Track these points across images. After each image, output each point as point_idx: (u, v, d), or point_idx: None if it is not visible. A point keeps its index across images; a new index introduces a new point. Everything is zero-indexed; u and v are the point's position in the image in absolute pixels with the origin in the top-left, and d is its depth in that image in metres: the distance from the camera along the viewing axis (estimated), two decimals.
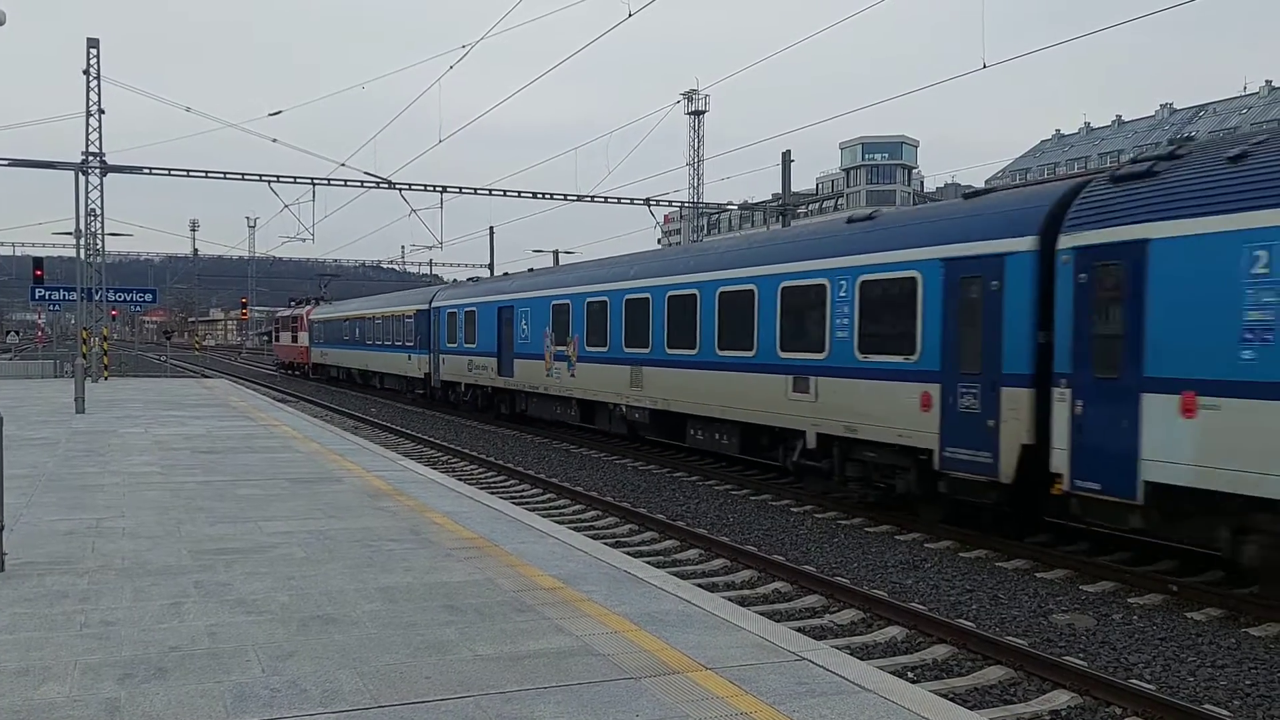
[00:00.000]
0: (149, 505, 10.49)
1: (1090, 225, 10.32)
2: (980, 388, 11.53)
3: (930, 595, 9.91)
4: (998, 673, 7.67)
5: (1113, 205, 10.19)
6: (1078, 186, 11.09)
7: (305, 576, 7.49)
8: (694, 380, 17.44)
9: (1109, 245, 10.05)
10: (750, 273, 16.02)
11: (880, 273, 13.22)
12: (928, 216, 13.32)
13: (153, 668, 5.40)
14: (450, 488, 12.17)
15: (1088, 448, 10.19)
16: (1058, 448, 10.51)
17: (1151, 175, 10.03)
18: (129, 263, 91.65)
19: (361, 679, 5.25)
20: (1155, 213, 9.66)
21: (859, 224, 14.30)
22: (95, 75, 34.88)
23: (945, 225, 12.50)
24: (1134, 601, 9.68)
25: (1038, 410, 10.88)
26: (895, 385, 12.79)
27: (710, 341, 16.96)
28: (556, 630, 6.19)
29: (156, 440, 16.90)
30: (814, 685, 5.28)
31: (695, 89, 70.33)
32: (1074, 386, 10.34)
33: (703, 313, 17.23)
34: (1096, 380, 10.12)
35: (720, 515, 14.14)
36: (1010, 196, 12.35)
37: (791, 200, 39.93)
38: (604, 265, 22.17)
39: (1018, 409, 11.03)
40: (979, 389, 11.55)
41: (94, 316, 37.44)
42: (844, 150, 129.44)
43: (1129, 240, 9.84)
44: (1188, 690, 7.36)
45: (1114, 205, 10.17)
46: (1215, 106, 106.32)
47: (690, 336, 17.58)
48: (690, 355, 17.56)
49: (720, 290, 16.75)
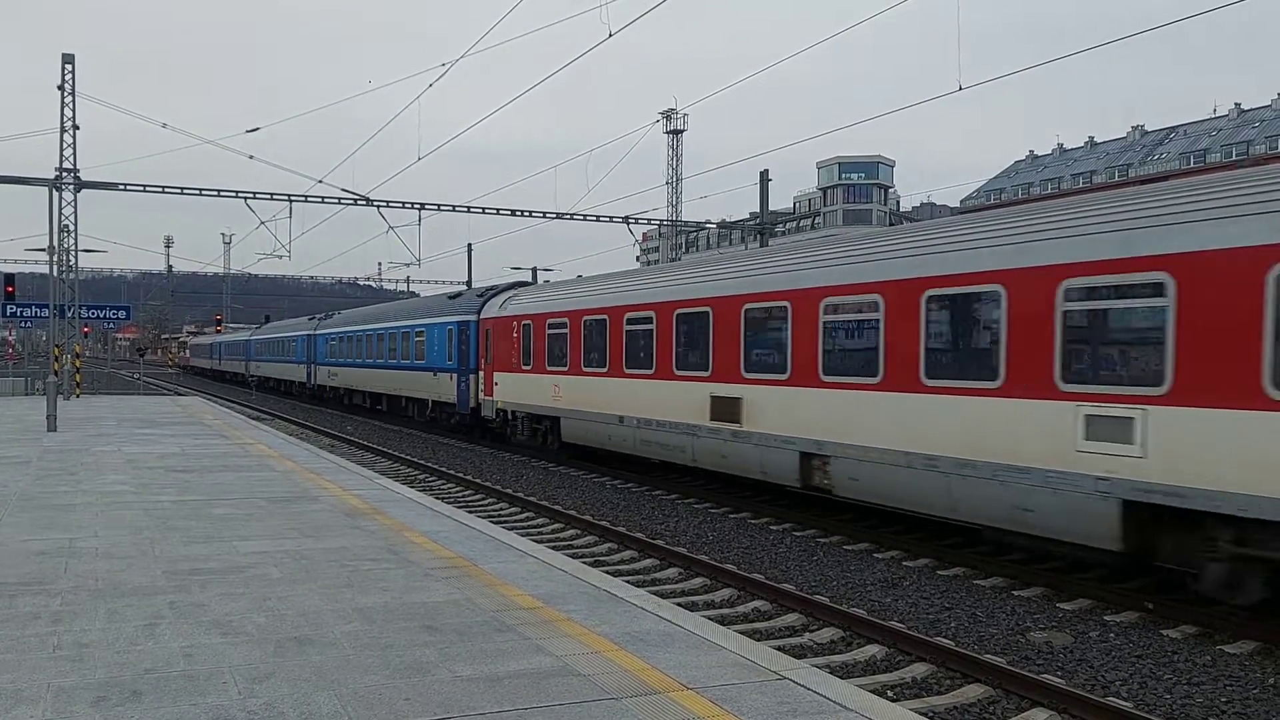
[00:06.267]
0: (123, 525, 10.37)
1: (484, 314, 26.62)
2: (460, 374, 27.99)
3: (909, 613, 9.93)
4: (977, 691, 7.69)
5: (480, 306, 27.04)
6: (487, 296, 27.72)
7: (282, 597, 7.42)
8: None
9: (489, 319, 25.89)
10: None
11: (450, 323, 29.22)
12: (442, 304, 31.50)
13: (127, 690, 5.33)
14: (428, 506, 12.10)
15: (475, 392, 27.13)
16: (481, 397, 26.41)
17: (492, 296, 27.08)
18: (102, 279, 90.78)
19: (339, 701, 5.21)
20: (483, 310, 27.08)
21: (455, 299, 30.99)
22: (70, 91, 34.67)
23: (459, 304, 29.40)
24: (1110, 619, 9.74)
25: (482, 381, 26.62)
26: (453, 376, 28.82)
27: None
28: (537, 650, 6.15)
29: (130, 459, 16.72)
30: (795, 705, 5.27)
31: (674, 108, 70.74)
32: (479, 373, 26.70)
33: None
34: (488, 369, 25.81)
35: (699, 533, 14.13)
36: (468, 298, 29.31)
37: (769, 219, 40.11)
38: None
39: (484, 383, 26.28)
40: (466, 375, 27.75)
41: (66, 333, 37.07)
42: (821, 170, 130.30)
43: (480, 318, 26.97)
44: (1164, 707, 7.40)
45: (480, 306, 27.08)
46: (1186, 128, 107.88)
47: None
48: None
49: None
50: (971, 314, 11.40)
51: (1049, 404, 10.31)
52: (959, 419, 11.37)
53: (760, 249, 18.32)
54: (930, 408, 11.77)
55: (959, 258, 11.51)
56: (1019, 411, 10.66)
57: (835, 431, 13.25)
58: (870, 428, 12.62)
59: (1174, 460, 9.16)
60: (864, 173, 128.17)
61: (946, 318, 11.69)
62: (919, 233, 12.77)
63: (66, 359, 36.63)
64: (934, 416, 11.71)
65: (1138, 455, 9.49)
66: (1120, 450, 9.63)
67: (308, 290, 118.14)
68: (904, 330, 12.15)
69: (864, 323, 12.80)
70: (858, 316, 12.92)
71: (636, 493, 18.09)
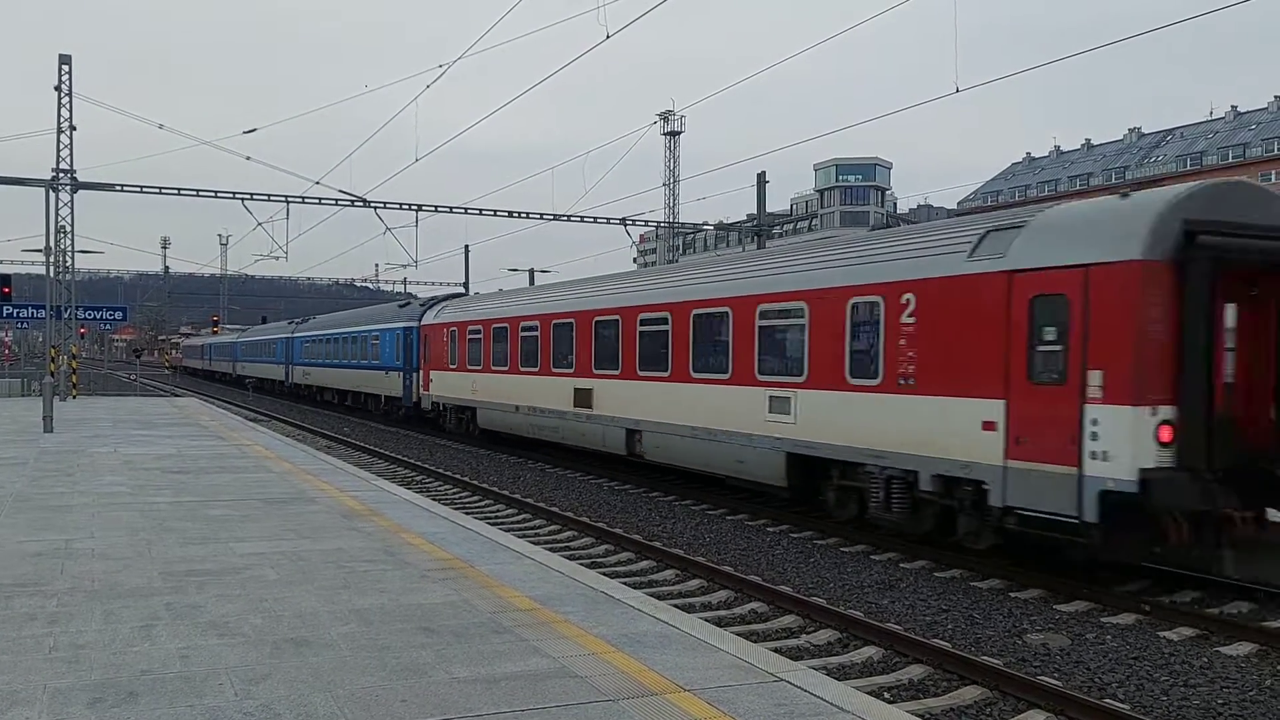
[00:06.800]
0: (119, 526, 10.36)
1: (424, 321, 30.90)
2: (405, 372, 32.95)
3: (906, 615, 9.93)
4: (974, 693, 7.69)
5: (421, 314, 31.80)
6: (427, 305, 32.41)
7: (278, 598, 7.41)
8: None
9: (426, 326, 30.48)
10: None
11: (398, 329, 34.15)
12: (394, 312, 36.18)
13: (124, 691, 5.32)
14: (425, 508, 12.10)
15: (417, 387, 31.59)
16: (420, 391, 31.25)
17: (432, 305, 31.76)
18: (99, 280, 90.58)
19: (336, 702, 5.20)
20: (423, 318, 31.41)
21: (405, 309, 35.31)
22: (67, 91, 34.64)
23: (405, 313, 33.96)
24: (1107, 621, 9.75)
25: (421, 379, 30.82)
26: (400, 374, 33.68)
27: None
28: (534, 652, 6.15)
29: (126, 460, 16.70)
30: (792, 706, 5.27)
31: (671, 110, 70.80)
32: (419, 371, 31.28)
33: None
34: (425, 368, 30.27)
35: (696, 535, 14.13)
36: (413, 308, 33.99)
37: (766, 221, 40.14)
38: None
39: (423, 380, 30.45)
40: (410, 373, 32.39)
41: (63, 334, 37.02)
42: (818, 171, 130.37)
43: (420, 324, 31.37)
44: (1161, 709, 7.41)
45: (421, 314, 31.79)
46: (1182, 131, 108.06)
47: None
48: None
49: None
50: (715, 328, 16.18)
51: (752, 389, 15.15)
52: (709, 401, 16.23)
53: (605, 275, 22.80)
54: (695, 393, 16.61)
55: (710, 288, 16.56)
56: (739, 395, 15.51)
57: (646, 413, 18.10)
58: (664, 410, 17.49)
59: (810, 426, 13.92)
60: (861, 174, 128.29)
61: (705, 329, 16.46)
62: (685, 270, 18.33)
63: (63, 360, 36.59)
64: (697, 400, 16.55)
65: (793, 423, 14.25)
66: (784, 420, 14.42)
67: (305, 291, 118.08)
68: (681, 337, 17.03)
69: (659, 332, 17.70)
70: (656, 328, 17.85)
71: (634, 494, 18.09)
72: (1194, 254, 9.85)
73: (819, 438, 13.67)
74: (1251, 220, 10.19)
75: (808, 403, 13.92)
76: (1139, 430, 9.72)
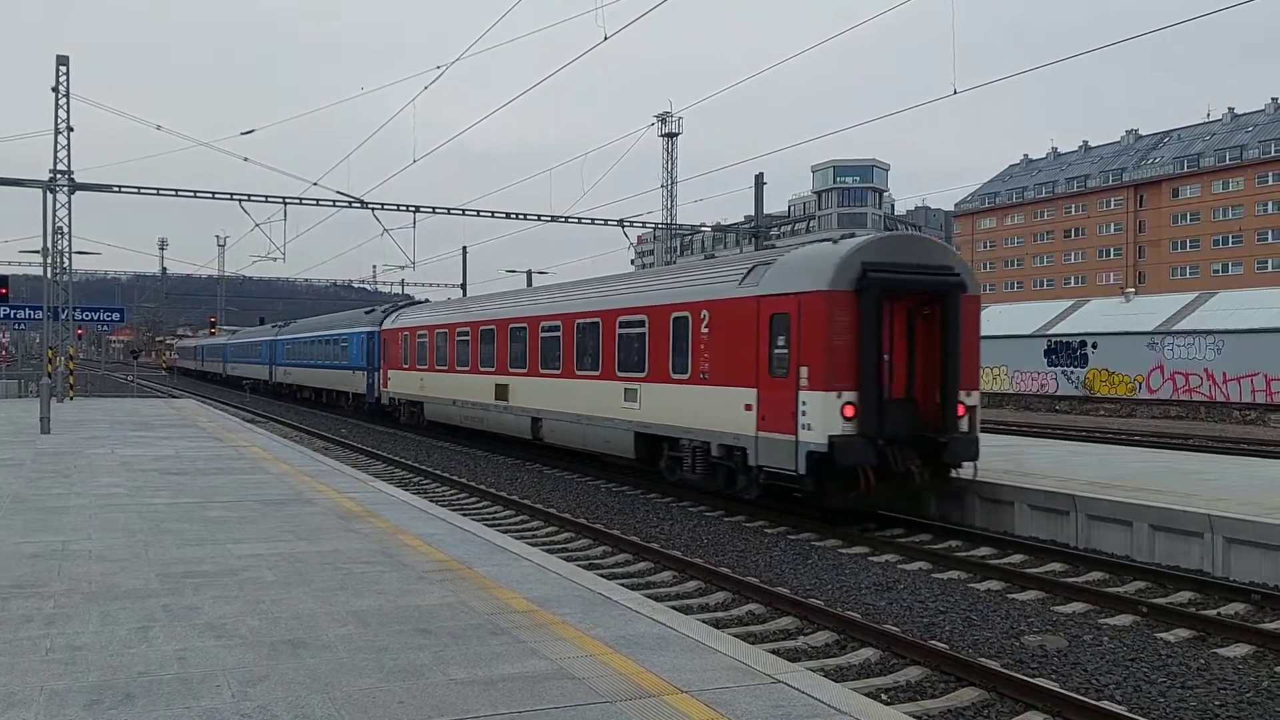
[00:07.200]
0: (116, 527, 10.35)
1: (384, 325, 34.40)
2: (369, 371, 35.99)
3: (904, 617, 9.94)
4: (971, 694, 7.69)
5: (382, 320, 35.16)
6: (386, 313, 35.59)
7: (276, 600, 7.41)
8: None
9: (385, 330, 34.21)
10: None
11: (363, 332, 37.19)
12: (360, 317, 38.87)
13: (121, 693, 5.31)
14: (422, 509, 12.09)
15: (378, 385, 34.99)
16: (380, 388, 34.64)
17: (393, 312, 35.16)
18: (96, 281, 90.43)
19: (333, 704, 5.19)
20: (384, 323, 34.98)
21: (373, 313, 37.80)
22: (64, 93, 34.60)
23: (370, 318, 36.98)
24: (1105, 622, 9.75)
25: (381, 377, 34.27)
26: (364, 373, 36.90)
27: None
28: (531, 653, 6.15)
29: (124, 461, 16.68)
30: (790, 708, 5.27)
31: (669, 111, 70.76)
32: (379, 370, 34.43)
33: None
34: (379, 367, 34.43)
35: (694, 537, 14.12)
36: (377, 314, 36.85)
37: (764, 222, 40.15)
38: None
39: (383, 378, 34.16)
40: (373, 372, 35.62)
41: (60, 335, 36.97)
42: (816, 173, 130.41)
43: (381, 329, 34.70)
44: (1158, 711, 7.41)
45: (382, 320, 35.12)
46: (1180, 133, 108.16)
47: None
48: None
49: None
50: (592, 335, 19.89)
51: (614, 383, 19.00)
52: (586, 393, 20.04)
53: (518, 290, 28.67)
54: (577, 387, 20.48)
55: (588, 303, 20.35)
56: (605, 388, 19.32)
57: (545, 404, 21.98)
58: (557, 400, 21.38)
59: (650, 411, 17.80)
60: (859, 176, 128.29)
61: (585, 336, 20.20)
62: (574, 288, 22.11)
63: (60, 361, 36.55)
64: (578, 392, 20.41)
65: (639, 409, 18.13)
66: (634, 407, 18.31)
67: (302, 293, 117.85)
68: (568, 342, 20.96)
69: (554, 338, 21.60)
70: (552, 334, 21.68)
71: (631, 496, 18.09)
72: (868, 285, 13.64)
73: (656, 420, 17.58)
74: (911, 261, 14.24)
75: (648, 393, 17.87)
76: (829, 409, 13.59)
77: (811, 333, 13.77)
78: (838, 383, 13.54)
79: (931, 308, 14.40)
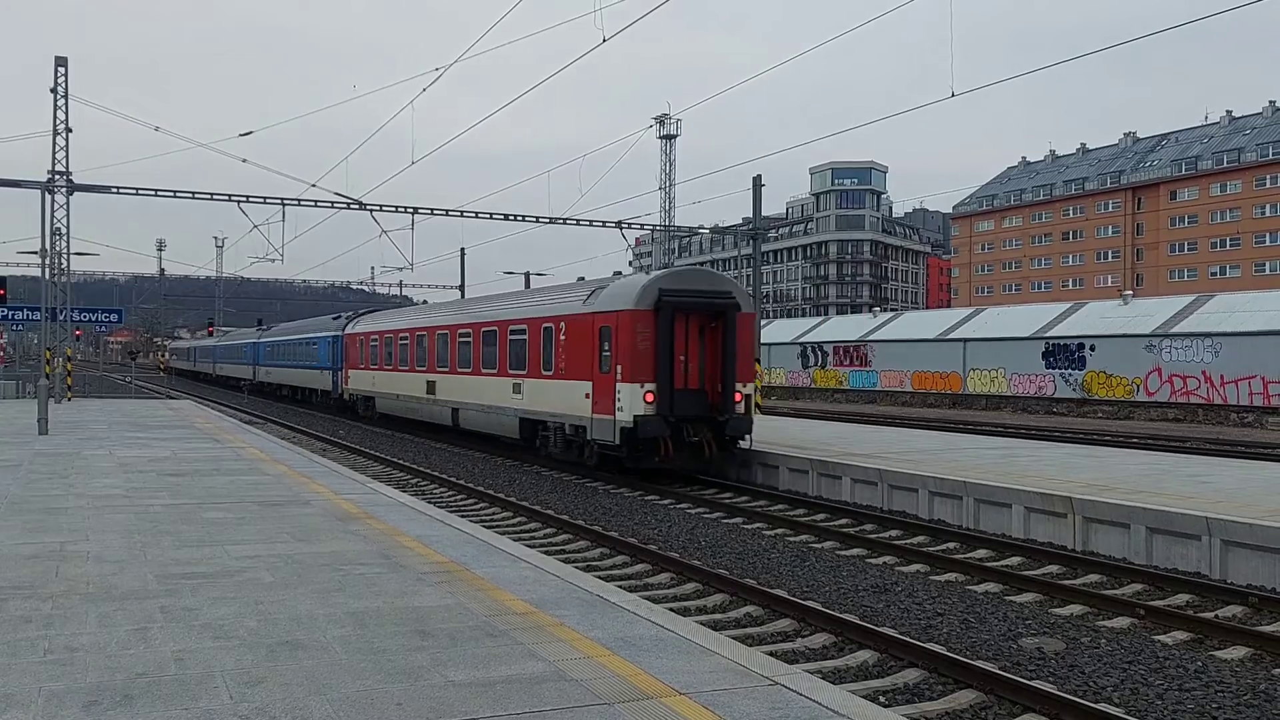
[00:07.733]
0: (114, 529, 10.34)
1: (347, 330, 38.70)
2: (334, 370, 40.20)
3: (901, 618, 9.94)
4: (969, 696, 7.69)
5: (345, 325, 39.52)
6: (349, 319, 40.08)
7: (274, 601, 7.40)
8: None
9: (347, 334, 38.40)
10: None
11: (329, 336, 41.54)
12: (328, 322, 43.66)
13: (119, 695, 5.31)
14: (420, 511, 12.09)
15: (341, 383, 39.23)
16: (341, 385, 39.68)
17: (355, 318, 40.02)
18: (94, 282, 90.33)
19: (331, 706, 5.19)
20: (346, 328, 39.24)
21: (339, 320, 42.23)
22: (63, 94, 34.58)
23: (336, 323, 40.99)
24: (1103, 625, 9.76)
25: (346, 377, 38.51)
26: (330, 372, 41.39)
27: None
28: (529, 655, 6.15)
29: (122, 462, 16.67)
30: (788, 710, 5.28)
31: (667, 113, 70.77)
32: (342, 370, 39.06)
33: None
34: (345, 368, 38.48)
35: (692, 539, 14.13)
36: (343, 319, 41.06)
37: (762, 224, 40.16)
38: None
39: (345, 377, 38.71)
40: (337, 371, 39.85)
41: (58, 336, 36.94)
42: (814, 175, 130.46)
43: (344, 334, 38.98)
44: (1156, 713, 7.41)
45: (345, 325, 39.54)
46: (1178, 135, 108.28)
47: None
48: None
49: None
50: (493, 340, 24.47)
51: (506, 379, 23.65)
52: (489, 387, 24.65)
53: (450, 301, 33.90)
54: (484, 382, 24.99)
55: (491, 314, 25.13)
56: (502, 383, 23.93)
57: (461, 396, 26.58)
58: (469, 393, 25.97)
59: (529, 400, 22.39)
60: (857, 178, 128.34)
61: (488, 341, 24.78)
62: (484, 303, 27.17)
63: (58, 362, 36.51)
64: (484, 387, 24.95)
65: (522, 399, 22.74)
66: (519, 397, 22.89)
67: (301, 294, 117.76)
68: (477, 346, 25.51)
69: (467, 342, 26.15)
70: (466, 339, 26.35)
71: (629, 497, 18.09)
72: (663, 305, 18.53)
73: (533, 408, 22.20)
74: (699, 288, 19.19)
75: (528, 386, 22.49)
76: (635, 395, 18.44)
77: (624, 340, 18.61)
78: (641, 376, 18.46)
79: (716, 322, 19.20)
